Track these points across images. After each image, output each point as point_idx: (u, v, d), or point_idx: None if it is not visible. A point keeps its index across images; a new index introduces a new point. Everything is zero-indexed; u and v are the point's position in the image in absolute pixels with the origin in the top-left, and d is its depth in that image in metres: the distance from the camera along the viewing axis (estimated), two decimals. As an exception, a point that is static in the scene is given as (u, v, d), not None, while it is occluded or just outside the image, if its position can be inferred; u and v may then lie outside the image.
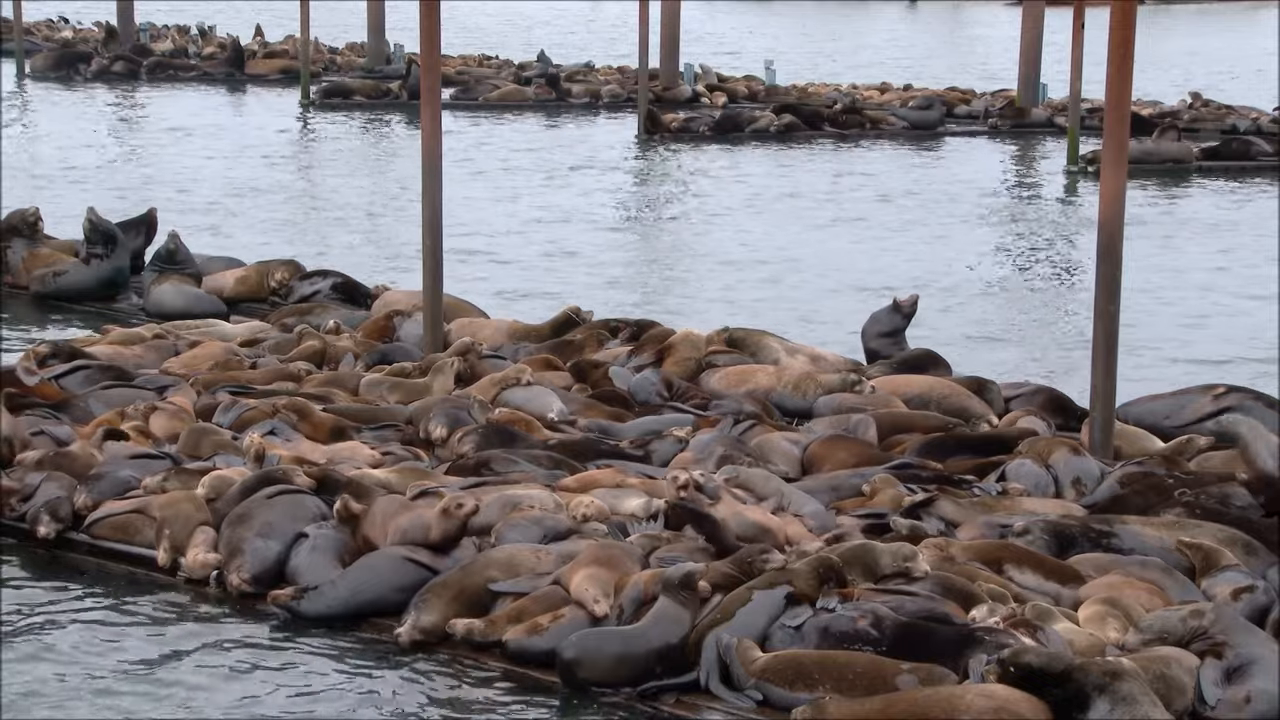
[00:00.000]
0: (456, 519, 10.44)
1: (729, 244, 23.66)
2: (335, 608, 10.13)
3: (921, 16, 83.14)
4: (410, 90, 37.97)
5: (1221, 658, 8.83)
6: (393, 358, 14.92)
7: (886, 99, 38.91)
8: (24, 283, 18.97)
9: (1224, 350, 17.75)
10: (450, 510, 10.47)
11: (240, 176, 29.17)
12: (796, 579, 9.45)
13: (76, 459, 11.85)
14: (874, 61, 54.24)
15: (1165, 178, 30.00)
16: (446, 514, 10.47)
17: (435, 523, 10.46)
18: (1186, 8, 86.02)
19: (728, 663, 9.09)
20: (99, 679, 9.46)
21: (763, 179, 29.88)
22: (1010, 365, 16.76)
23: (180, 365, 14.67)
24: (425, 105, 14.95)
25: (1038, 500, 11.35)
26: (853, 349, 15.70)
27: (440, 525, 10.44)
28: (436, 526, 10.45)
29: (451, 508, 10.47)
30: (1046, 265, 22.89)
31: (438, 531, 10.43)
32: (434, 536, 10.42)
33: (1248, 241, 24.28)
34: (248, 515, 10.76)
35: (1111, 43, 12.31)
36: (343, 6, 61.38)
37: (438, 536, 10.42)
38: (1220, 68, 53.16)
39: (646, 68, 34.78)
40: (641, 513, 10.87)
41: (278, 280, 18.33)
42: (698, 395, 14.04)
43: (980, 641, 8.89)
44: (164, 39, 49.55)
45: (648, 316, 16.89)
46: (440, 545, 10.41)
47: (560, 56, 47.84)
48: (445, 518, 10.46)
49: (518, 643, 9.55)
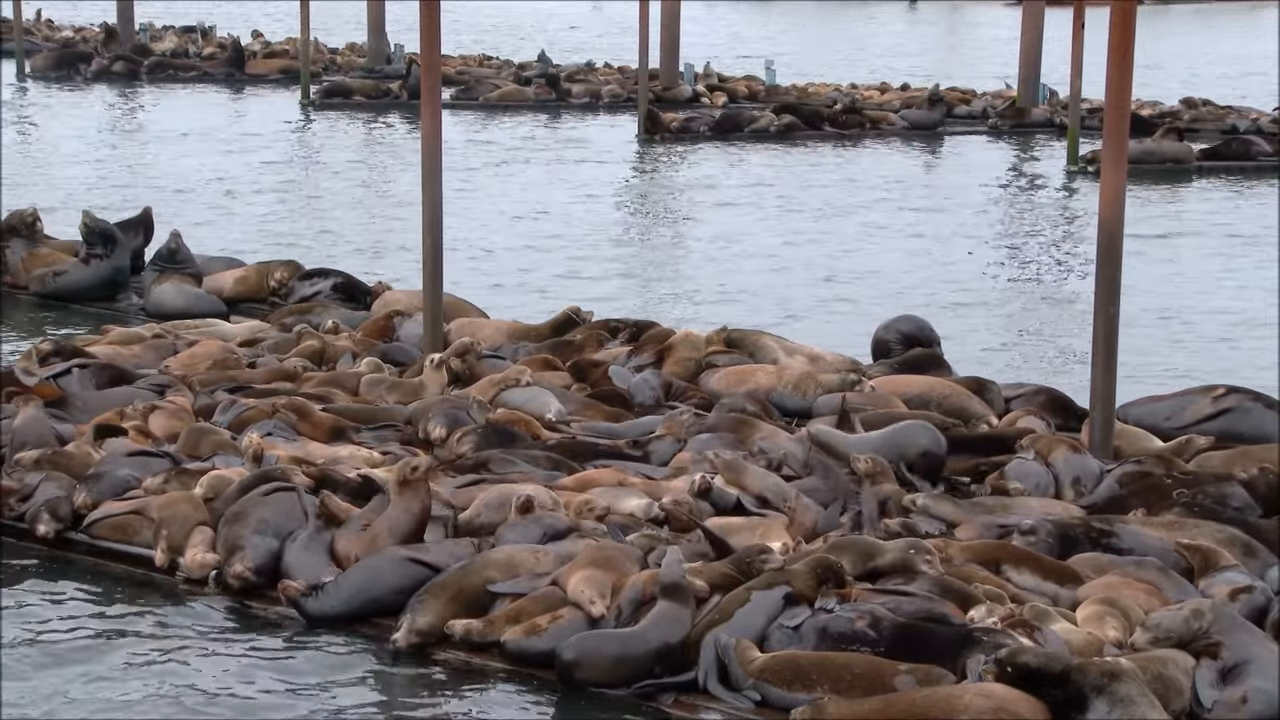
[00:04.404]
0: (419, 481, 10.44)
1: (729, 244, 23.65)
2: (339, 607, 10.12)
3: (921, 16, 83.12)
4: (410, 90, 37.98)
5: (1217, 658, 8.83)
6: (393, 358, 14.92)
7: (886, 99, 38.91)
8: (23, 283, 18.98)
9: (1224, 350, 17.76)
10: (408, 478, 10.48)
11: (240, 176, 29.17)
12: (795, 580, 9.46)
13: (74, 458, 11.86)
14: (874, 61, 54.23)
15: (1165, 178, 30.01)
16: (406, 484, 10.48)
17: (406, 501, 10.45)
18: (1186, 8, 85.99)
19: (726, 663, 9.09)
20: (98, 679, 9.45)
21: (762, 179, 29.88)
22: (1010, 365, 16.76)
23: (178, 365, 14.66)
24: (425, 105, 14.95)
25: (1035, 500, 11.35)
26: (852, 349, 15.67)
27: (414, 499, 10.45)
28: (411, 501, 10.44)
29: (408, 474, 10.48)
30: (1046, 265, 22.89)
31: (417, 505, 10.44)
32: (416, 511, 10.42)
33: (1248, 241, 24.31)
34: (244, 513, 10.76)
35: (1111, 43, 12.31)
36: (343, 6, 61.42)
37: (419, 509, 10.43)
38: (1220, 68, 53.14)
39: (646, 68, 34.79)
40: (641, 514, 10.88)
41: (277, 280, 18.33)
42: (697, 395, 14.04)
43: (978, 642, 8.90)
44: (164, 39, 49.58)
45: (647, 317, 16.90)
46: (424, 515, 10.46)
47: (560, 56, 47.83)
48: (408, 489, 10.47)
49: (516, 643, 9.55)
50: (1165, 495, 11.17)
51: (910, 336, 15.35)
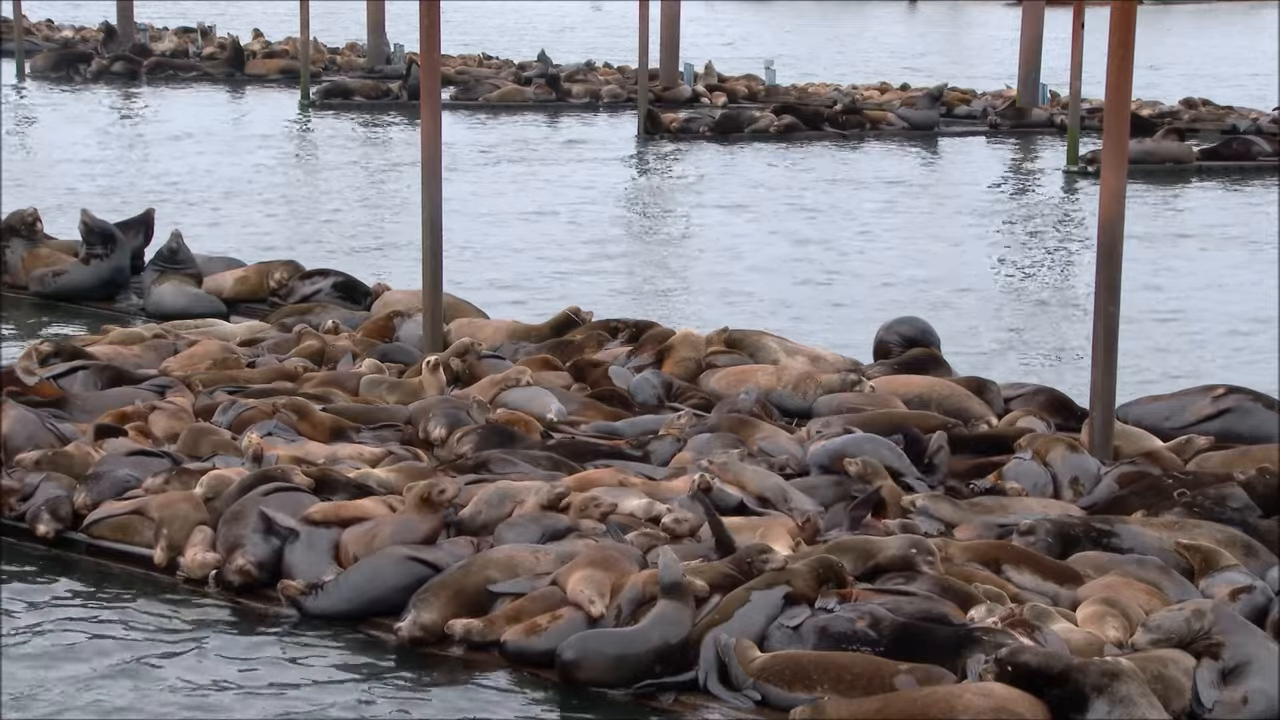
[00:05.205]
0: (442, 506, 10.46)
1: (729, 244, 23.65)
2: (340, 606, 10.13)
3: (921, 16, 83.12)
4: (410, 90, 37.95)
5: (1218, 658, 8.83)
6: (393, 358, 14.92)
7: (886, 99, 38.89)
8: (23, 283, 18.97)
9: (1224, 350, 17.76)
10: (432, 498, 10.48)
11: (240, 176, 29.17)
12: (795, 579, 9.46)
13: (74, 459, 11.86)
14: (874, 61, 54.21)
15: (1165, 178, 29.99)
16: (428, 503, 10.48)
17: (420, 517, 10.47)
18: (1186, 8, 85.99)
19: (726, 662, 9.10)
20: (98, 678, 9.45)
21: (762, 179, 29.87)
22: (1010, 365, 16.76)
23: (178, 364, 14.66)
24: (425, 105, 14.96)
25: (1035, 500, 11.35)
26: (852, 350, 15.68)
27: (427, 520, 10.46)
28: (423, 521, 10.46)
29: (433, 495, 10.48)
30: (1046, 265, 22.89)
31: (427, 526, 10.45)
32: (424, 530, 10.43)
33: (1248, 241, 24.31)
34: (243, 512, 10.76)
35: (1111, 43, 12.31)
36: (343, 6, 61.40)
37: (427, 530, 10.43)
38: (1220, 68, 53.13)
39: (646, 68, 34.78)
40: (641, 514, 10.88)
41: (277, 280, 18.33)
42: (696, 396, 14.04)
43: (978, 641, 8.90)
44: (164, 39, 49.56)
45: (647, 317, 16.90)
46: (432, 537, 10.43)
47: (561, 56, 47.82)
48: (429, 508, 10.48)
49: (516, 643, 9.56)
50: (1165, 495, 11.16)
51: (911, 339, 15.34)
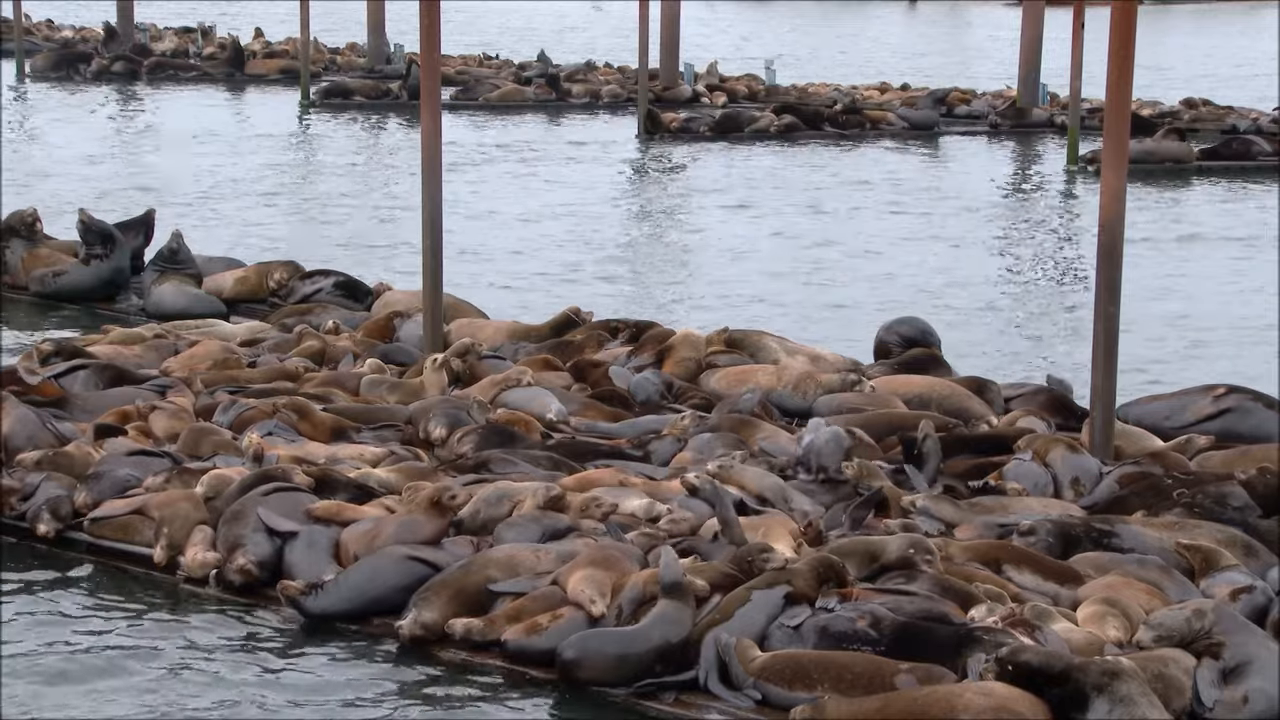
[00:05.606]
0: (450, 511, 10.47)
1: (729, 244, 23.66)
2: (340, 605, 10.12)
3: (921, 16, 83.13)
4: (410, 90, 37.94)
5: (1218, 658, 8.83)
6: (393, 358, 14.92)
7: (887, 99, 38.89)
8: (23, 283, 18.97)
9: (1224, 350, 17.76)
10: (443, 502, 10.48)
11: (240, 176, 29.16)
12: (795, 579, 9.46)
13: (75, 458, 11.86)
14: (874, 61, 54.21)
15: (1165, 178, 30.00)
16: (437, 506, 10.48)
17: (426, 518, 10.46)
18: (1186, 8, 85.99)
19: (727, 662, 9.10)
20: (98, 678, 9.46)
21: (763, 179, 29.87)
22: (1010, 365, 16.76)
23: (178, 365, 14.66)
24: (425, 105, 14.96)
25: (1036, 500, 11.35)
26: (852, 350, 15.68)
27: (433, 522, 10.46)
28: (429, 523, 10.46)
29: (444, 499, 10.48)
30: (1046, 265, 22.89)
31: (432, 528, 10.45)
32: (429, 532, 10.43)
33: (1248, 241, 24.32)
34: (244, 512, 10.77)
35: (1111, 43, 12.31)
36: (343, 6, 61.39)
37: (432, 532, 10.43)
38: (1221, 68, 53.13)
39: (646, 68, 34.78)
40: (642, 514, 10.88)
41: (277, 280, 18.32)
42: (697, 396, 14.04)
43: (979, 641, 8.90)
44: (164, 39, 49.55)
45: (647, 317, 16.90)
46: (435, 540, 10.43)
47: (561, 56, 47.82)
48: (436, 511, 10.47)
49: (517, 642, 9.56)
50: (1165, 495, 11.16)
51: (911, 339, 15.34)
